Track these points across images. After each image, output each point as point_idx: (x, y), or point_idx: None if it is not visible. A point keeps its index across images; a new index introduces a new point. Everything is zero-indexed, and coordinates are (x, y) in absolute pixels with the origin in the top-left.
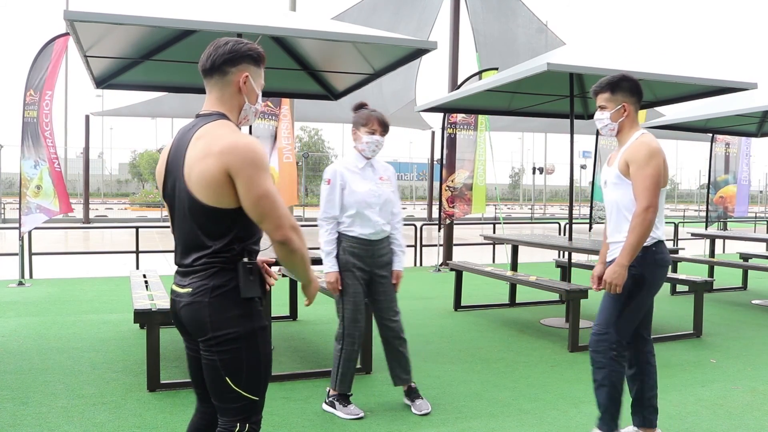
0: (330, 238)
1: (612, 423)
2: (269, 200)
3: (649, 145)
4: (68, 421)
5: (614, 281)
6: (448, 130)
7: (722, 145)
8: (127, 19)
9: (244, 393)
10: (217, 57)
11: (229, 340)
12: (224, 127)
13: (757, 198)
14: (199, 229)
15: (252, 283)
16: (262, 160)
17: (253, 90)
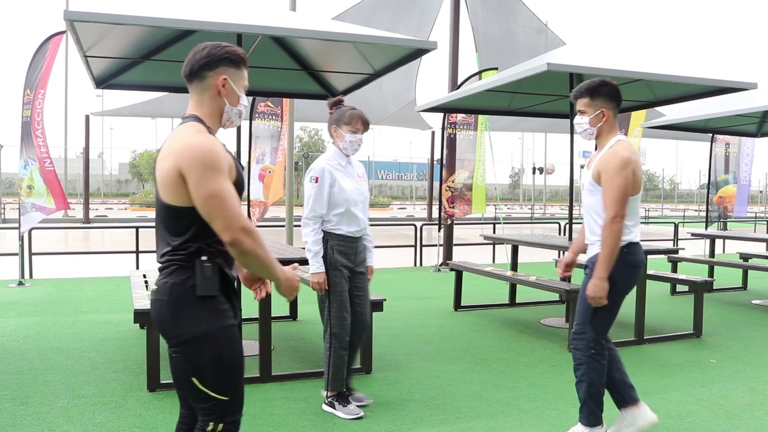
0: (318, 238)
1: (591, 417)
2: (217, 200)
3: (620, 155)
4: (68, 421)
5: (596, 295)
6: (448, 130)
7: (722, 145)
8: (126, 19)
9: (212, 393)
10: (194, 62)
11: (189, 339)
12: (188, 129)
13: (757, 198)
14: (163, 226)
15: (209, 281)
16: (212, 160)
17: (234, 92)
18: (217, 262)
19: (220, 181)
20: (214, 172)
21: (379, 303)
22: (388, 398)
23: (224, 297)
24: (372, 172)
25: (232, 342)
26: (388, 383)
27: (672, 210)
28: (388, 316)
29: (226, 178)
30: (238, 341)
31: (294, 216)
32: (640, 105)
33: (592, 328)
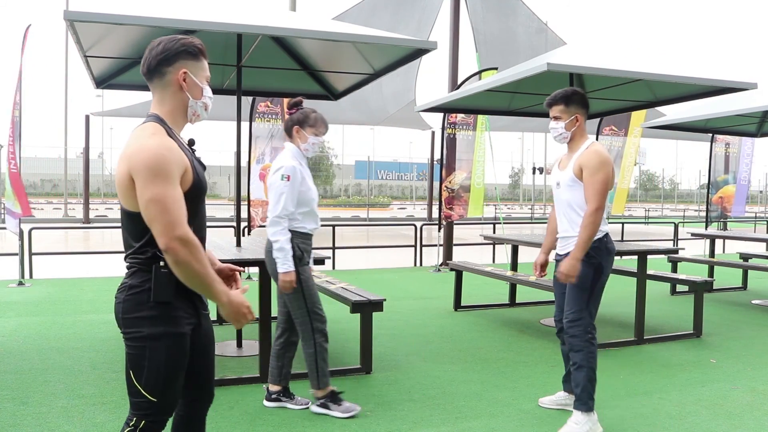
0: (289, 236)
1: (590, 402)
2: (158, 205)
3: (601, 154)
4: (68, 421)
5: (569, 272)
6: (447, 130)
7: (722, 145)
8: (126, 19)
9: (143, 390)
10: (152, 59)
11: (136, 338)
12: (144, 132)
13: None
14: (124, 229)
15: (164, 288)
16: (158, 164)
17: (196, 84)
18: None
19: (164, 186)
20: (158, 177)
21: (379, 303)
22: (388, 398)
23: (184, 302)
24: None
25: (176, 349)
26: (388, 383)
27: (672, 210)
28: (388, 316)
29: (172, 184)
30: (183, 349)
31: None
32: (640, 105)
33: (588, 314)
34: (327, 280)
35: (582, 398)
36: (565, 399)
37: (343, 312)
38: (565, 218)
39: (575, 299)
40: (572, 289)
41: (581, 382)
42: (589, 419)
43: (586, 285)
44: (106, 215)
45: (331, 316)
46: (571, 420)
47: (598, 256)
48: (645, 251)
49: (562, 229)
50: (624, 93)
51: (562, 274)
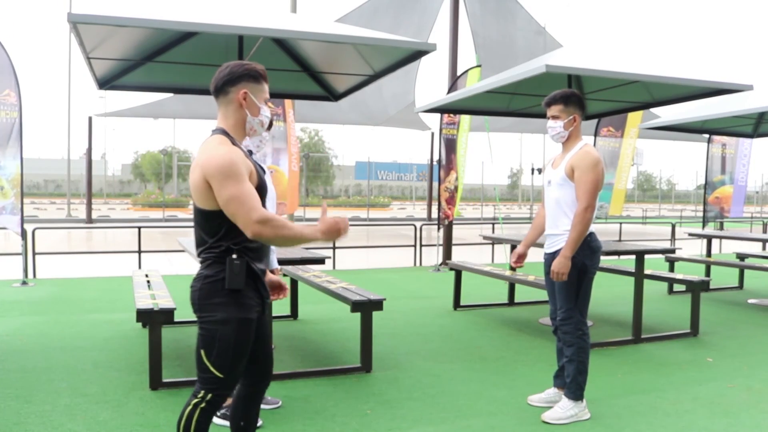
0: None
1: (578, 391)
2: (235, 202)
3: (592, 155)
4: (71, 420)
5: (560, 270)
6: (444, 130)
7: (719, 146)
8: (129, 21)
9: (211, 367)
10: (219, 80)
11: (209, 321)
12: (213, 142)
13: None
14: (198, 226)
15: (237, 276)
16: (228, 168)
17: (254, 104)
18: (245, 259)
19: (237, 185)
20: (230, 177)
21: (379, 303)
22: (388, 397)
23: (252, 291)
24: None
25: (244, 332)
26: (388, 382)
27: (669, 210)
28: (388, 315)
29: (243, 181)
30: (250, 330)
31: (294, 216)
32: (637, 106)
33: (579, 311)
34: (327, 280)
35: (571, 388)
36: (555, 396)
37: (344, 311)
38: (552, 216)
39: (564, 299)
40: (560, 289)
41: (572, 374)
42: (575, 405)
43: (572, 284)
44: (108, 215)
45: (331, 316)
46: (558, 405)
47: (581, 255)
48: (642, 251)
49: (549, 228)
50: (621, 94)
51: (553, 273)
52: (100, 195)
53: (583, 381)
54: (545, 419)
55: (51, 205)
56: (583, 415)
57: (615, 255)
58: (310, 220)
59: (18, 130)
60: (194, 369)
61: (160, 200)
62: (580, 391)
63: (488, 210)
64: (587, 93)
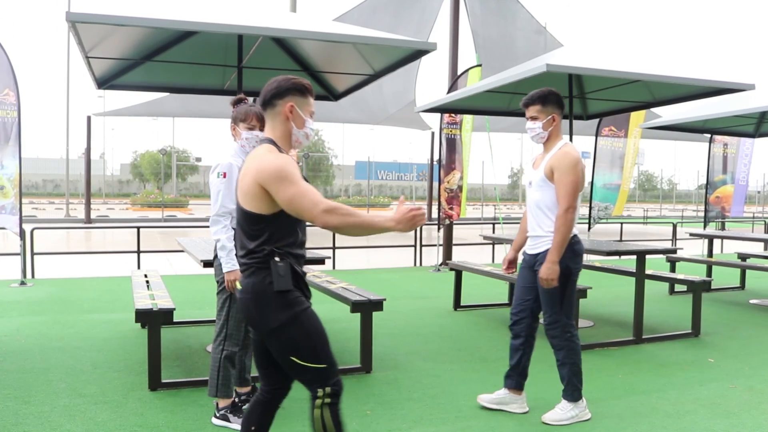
0: (230, 234)
1: (575, 392)
2: (296, 199)
3: (572, 155)
4: (70, 420)
5: (549, 277)
6: (445, 130)
7: (720, 145)
8: (128, 20)
9: (310, 365)
10: (266, 93)
11: (278, 327)
12: (263, 150)
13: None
14: (241, 231)
15: (284, 278)
16: (283, 171)
17: (299, 116)
18: (289, 261)
19: (294, 185)
20: (287, 179)
21: (379, 303)
22: (388, 397)
23: (298, 290)
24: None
25: (312, 319)
26: (388, 382)
27: (670, 210)
28: (388, 315)
29: (298, 181)
30: (316, 318)
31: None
32: (638, 106)
33: (565, 314)
34: (327, 280)
35: (568, 389)
36: (506, 397)
37: (344, 311)
38: (533, 218)
39: (548, 303)
40: (544, 294)
41: (566, 377)
42: (575, 406)
43: (556, 289)
44: (107, 215)
45: (331, 316)
46: (558, 406)
47: (565, 258)
48: (643, 251)
49: (531, 229)
50: (622, 94)
51: (542, 280)
52: (99, 195)
53: (579, 381)
54: (545, 420)
55: (49, 205)
56: (583, 416)
57: (616, 255)
58: None
59: (17, 130)
60: (194, 369)
61: (159, 200)
62: (577, 392)
63: (489, 210)
64: (588, 93)
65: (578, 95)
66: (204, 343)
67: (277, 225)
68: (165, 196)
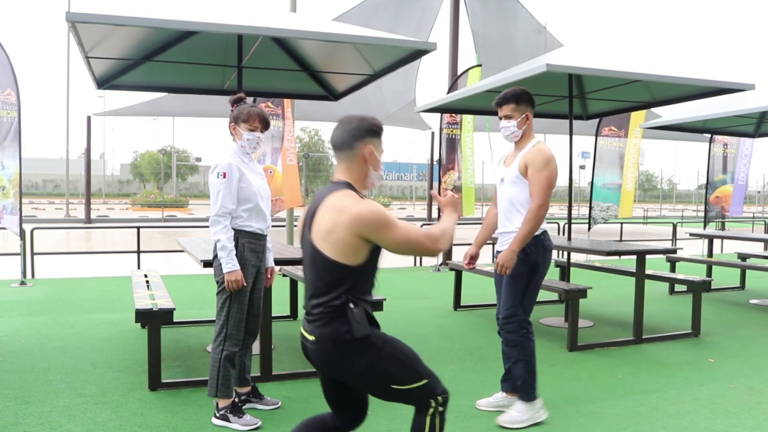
0: (230, 235)
1: (530, 392)
2: (406, 244)
3: (545, 152)
4: (70, 420)
5: (506, 264)
6: (445, 130)
7: (720, 145)
8: (128, 20)
9: (411, 386)
10: (344, 135)
11: (367, 369)
12: (347, 197)
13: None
14: (317, 277)
15: (361, 324)
16: (384, 218)
17: (376, 159)
18: (362, 306)
19: (398, 227)
20: (389, 225)
21: (379, 303)
22: None
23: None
24: None
25: (395, 344)
26: None
27: (670, 210)
28: (388, 315)
29: (398, 223)
30: (396, 340)
31: (294, 216)
32: (638, 105)
33: (523, 310)
34: None
35: (523, 389)
36: (503, 400)
37: None
38: (505, 215)
39: (509, 295)
40: (507, 286)
41: (521, 375)
42: (531, 407)
43: (521, 282)
44: (107, 215)
45: None
46: (513, 408)
47: (534, 253)
48: (643, 251)
49: (502, 226)
50: (622, 94)
51: (498, 265)
52: (99, 195)
53: (533, 380)
54: (500, 423)
55: (49, 205)
56: (539, 417)
57: (616, 255)
58: None
59: (16, 130)
60: (194, 369)
61: (159, 200)
62: (532, 391)
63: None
64: (588, 92)
65: (578, 95)
66: (204, 343)
67: (360, 274)
68: (165, 196)
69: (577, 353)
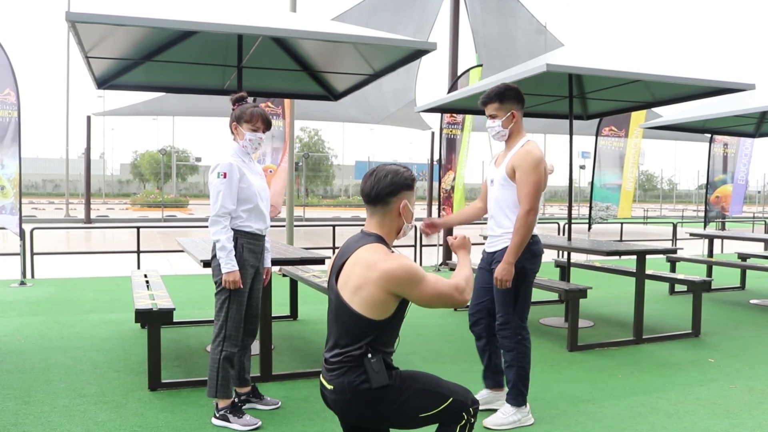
0: (230, 235)
1: (519, 397)
2: (436, 298)
3: (534, 154)
4: (70, 420)
5: (504, 278)
6: (445, 130)
7: (720, 145)
8: (128, 20)
9: (439, 409)
10: (380, 190)
11: (390, 412)
12: (378, 253)
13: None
14: (342, 328)
15: (379, 374)
16: (415, 275)
17: (410, 212)
18: (380, 355)
19: (427, 282)
20: (421, 281)
21: None
22: None
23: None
24: None
25: (412, 377)
26: None
27: (671, 210)
28: None
29: (427, 277)
30: (410, 372)
31: (294, 216)
32: (638, 105)
33: (518, 316)
34: (327, 280)
35: (513, 393)
36: (489, 396)
37: None
38: (493, 217)
39: (502, 304)
40: (498, 294)
41: (512, 379)
42: (518, 411)
43: (511, 290)
44: (107, 215)
45: None
46: (500, 410)
47: (522, 259)
48: (644, 251)
49: (490, 228)
50: (623, 93)
51: (496, 281)
52: (99, 195)
53: (525, 387)
54: (487, 425)
55: (49, 205)
56: (526, 421)
57: (616, 255)
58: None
59: (16, 130)
60: (194, 369)
61: (159, 200)
62: (521, 397)
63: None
64: (588, 92)
65: (578, 95)
66: (204, 343)
67: (386, 328)
68: (165, 196)
69: (577, 353)
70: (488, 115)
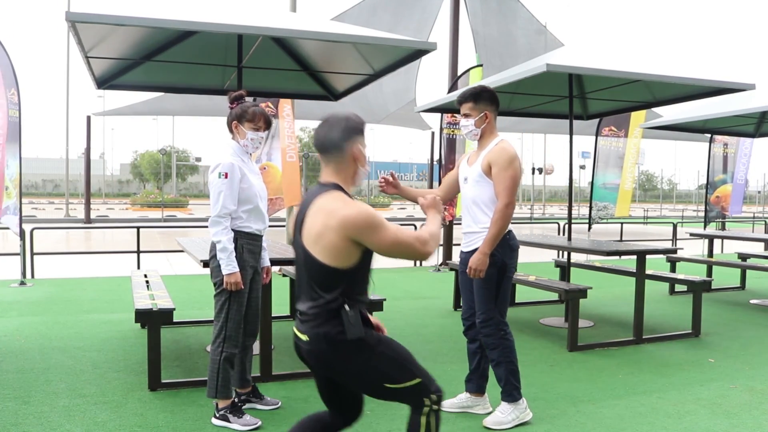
0: (231, 236)
1: (514, 392)
2: (396, 246)
3: (508, 151)
4: (69, 420)
5: (479, 266)
6: (446, 130)
7: (720, 145)
8: (128, 20)
9: (405, 385)
10: (334, 137)
11: (362, 369)
12: (337, 200)
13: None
14: (313, 281)
15: (354, 326)
16: (373, 220)
17: (363, 155)
18: (357, 307)
19: (388, 229)
20: (381, 227)
21: (379, 303)
22: None
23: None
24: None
25: (388, 344)
26: None
27: (671, 210)
28: (387, 315)
29: (389, 225)
30: (390, 339)
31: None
32: (638, 105)
33: (499, 311)
34: None
35: (507, 390)
36: (467, 401)
37: None
38: (469, 214)
39: (483, 300)
40: (479, 290)
41: (503, 377)
42: (515, 408)
43: (491, 285)
44: (107, 215)
45: None
46: (497, 409)
47: (501, 254)
48: (644, 251)
49: (466, 225)
50: (623, 93)
51: (470, 269)
52: (99, 195)
53: (517, 381)
54: (487, 425)
55: (49, 205)
56: (525, 416)
57: (616, 255)
58: None
59: (16, 129)
60: (194, 369)
61: (159, 200)
62: (516, 392)
63: None
64: (588, 92)
65: (578, 95)
66: (204, 343)
67: (354, 277)
68: (165, 196)
69: (577, 353)
70: (462, 114)
